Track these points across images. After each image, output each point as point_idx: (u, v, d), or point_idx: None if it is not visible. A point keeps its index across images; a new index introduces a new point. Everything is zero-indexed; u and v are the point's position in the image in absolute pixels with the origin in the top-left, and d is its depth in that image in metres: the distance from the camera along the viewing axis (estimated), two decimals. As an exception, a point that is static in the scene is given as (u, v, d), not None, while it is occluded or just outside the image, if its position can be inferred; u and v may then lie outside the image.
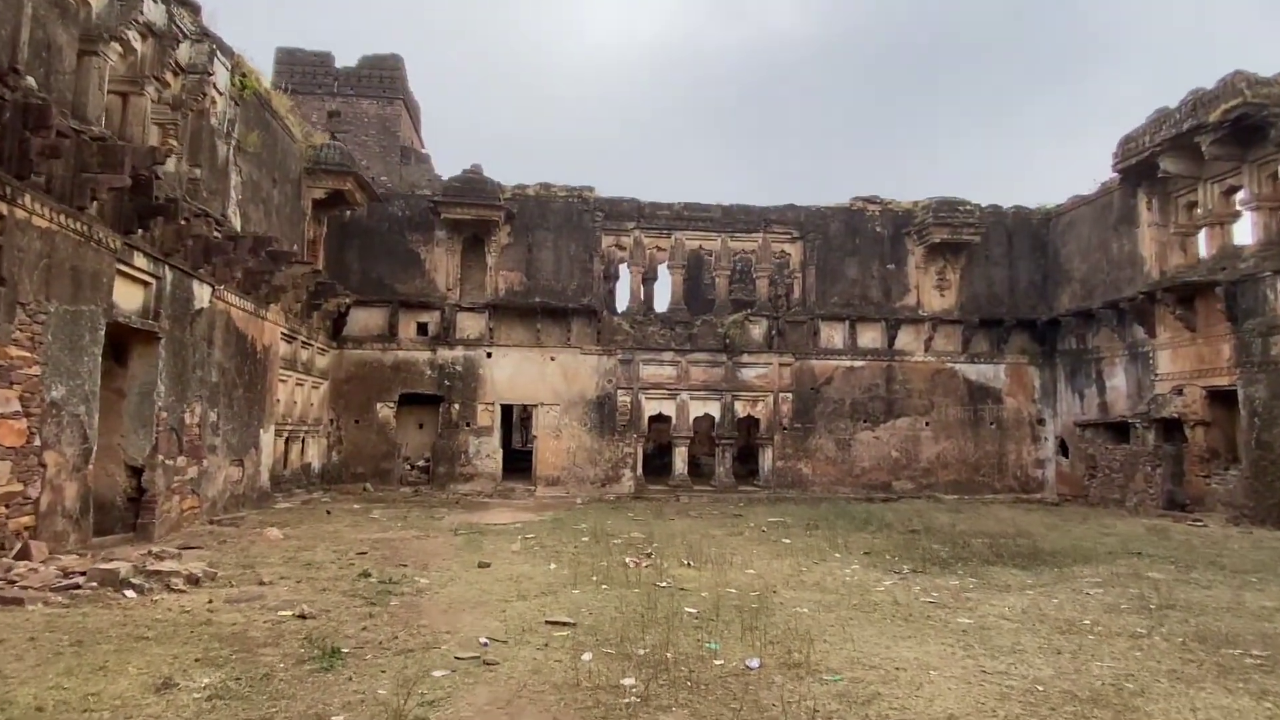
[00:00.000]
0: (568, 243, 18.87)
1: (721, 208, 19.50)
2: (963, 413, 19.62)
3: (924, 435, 19.45)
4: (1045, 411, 19.92)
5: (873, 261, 19.70)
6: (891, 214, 19.87)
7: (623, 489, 18.41)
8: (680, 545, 10.73)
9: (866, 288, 19.63)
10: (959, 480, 19.42)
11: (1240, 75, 13.95)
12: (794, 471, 19.00)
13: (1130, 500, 16.98)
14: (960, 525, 13.56)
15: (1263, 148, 14.11)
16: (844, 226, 19.74)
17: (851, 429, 19.23)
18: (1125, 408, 17.44)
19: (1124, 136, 16.50)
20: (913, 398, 19.49)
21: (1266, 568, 9.41)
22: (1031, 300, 19.97)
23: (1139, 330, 16.91)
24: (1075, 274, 19.07)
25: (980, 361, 19.83)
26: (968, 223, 18.97)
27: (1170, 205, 16.63)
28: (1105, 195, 18.21)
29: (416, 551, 9.94)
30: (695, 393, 18.97)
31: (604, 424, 18.60)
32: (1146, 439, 16.75)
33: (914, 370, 19.57)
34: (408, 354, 18.39)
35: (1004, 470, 19.64)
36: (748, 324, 19.28)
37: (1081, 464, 18.77)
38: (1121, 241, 17.57)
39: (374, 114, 28.22)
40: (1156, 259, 16.62)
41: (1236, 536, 12.44)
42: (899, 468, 19.30)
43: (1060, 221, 19.81)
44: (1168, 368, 16.23)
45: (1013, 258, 20.07)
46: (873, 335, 19.59)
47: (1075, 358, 19.17)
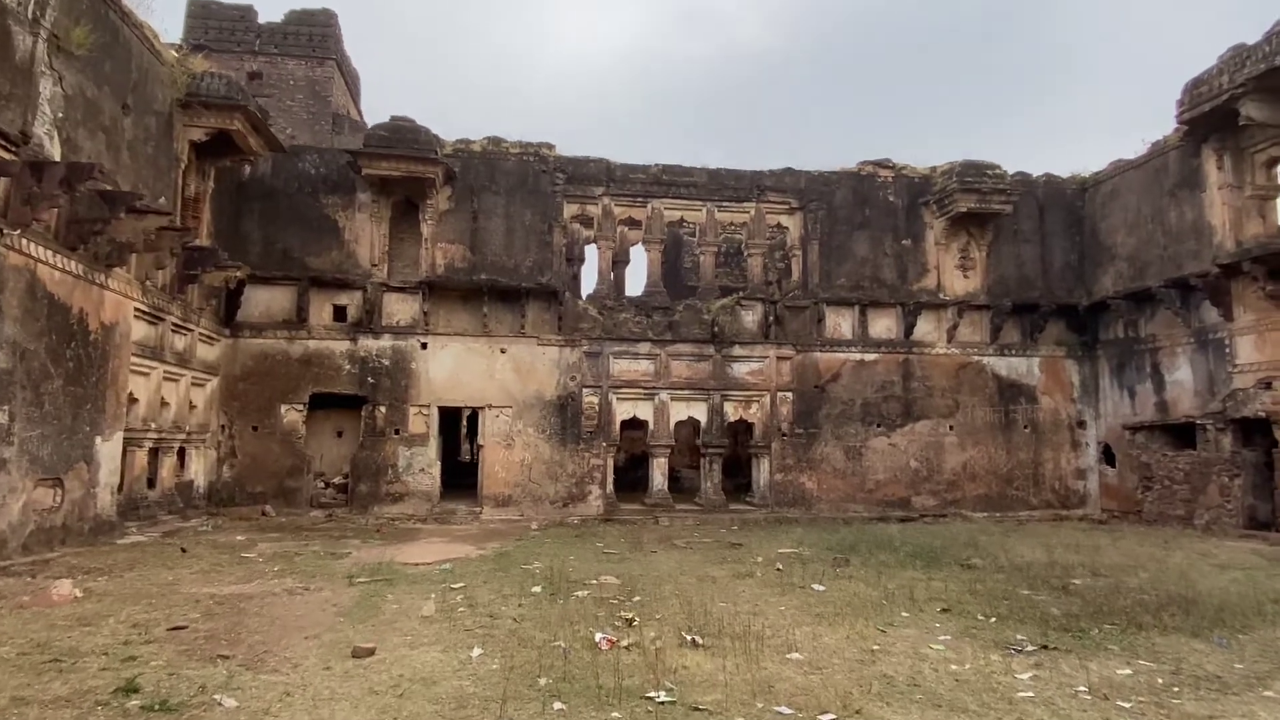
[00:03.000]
0: (522, 210, 15.51)
1: (707, 171, 16.32)
2: (992, 415, 16.62)
3: (948, 441, 16.40)
4: (1086, 413, 17.01)
5: (885, 237, 16.65)
6: (906, 181, 16.87)
7: (589, 509, 15.03)
8: (674, 600, 7.41)
9: (878, 267, 16.57)
10: (989, 495, 16.39)
11: (1359, -12, 11.18)
12: (795, 486, 15.79)
13: (1200, 517, 14.09)
14: (1024, 553, 10.44)
15: (1384, 80, 11.35)
16: (851, 195, 16.69)
17: (863, 435, 16.10)
18: (1192, 406, 14.57)
19: (1191, 80, 13.69)
20: (934, 397, 16.44)
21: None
22: (1068, 283, 17.10)
23: (1211, 313, 14.07)
24: (1120, 251, 16.23)
25: (1011, 354, 16.86)
26: (998, 189, 16.02)
27: (1246, 163, 13.83)
28: (1158, 156, 15.42)
29: (271, 622, 6.47)
30: (677, 392, 15.68)
31: (566, 430, 15.22)
32: (1221, 444, 13.89)
33: (935, 365, 16.53)
34: (322, 344, 14.82)
35: (1040, 482, 16.67)
36: (739, 309, 16.07)
37: (1133, 474, 15.86)
38: (1182, 209, 14.75)
39: (302, 76, 24.61)
40: (1231, 227, 13.80)
41: (1396, 569, 9.50)
42: (919, 480, 16.21)
43: (1100, 191, 16.99)
44: (1251, 356, 13.38)
45: (1045, 234, 17.19)
46: (886, 323, 16.52)
47: (1123, 349, 16.30)
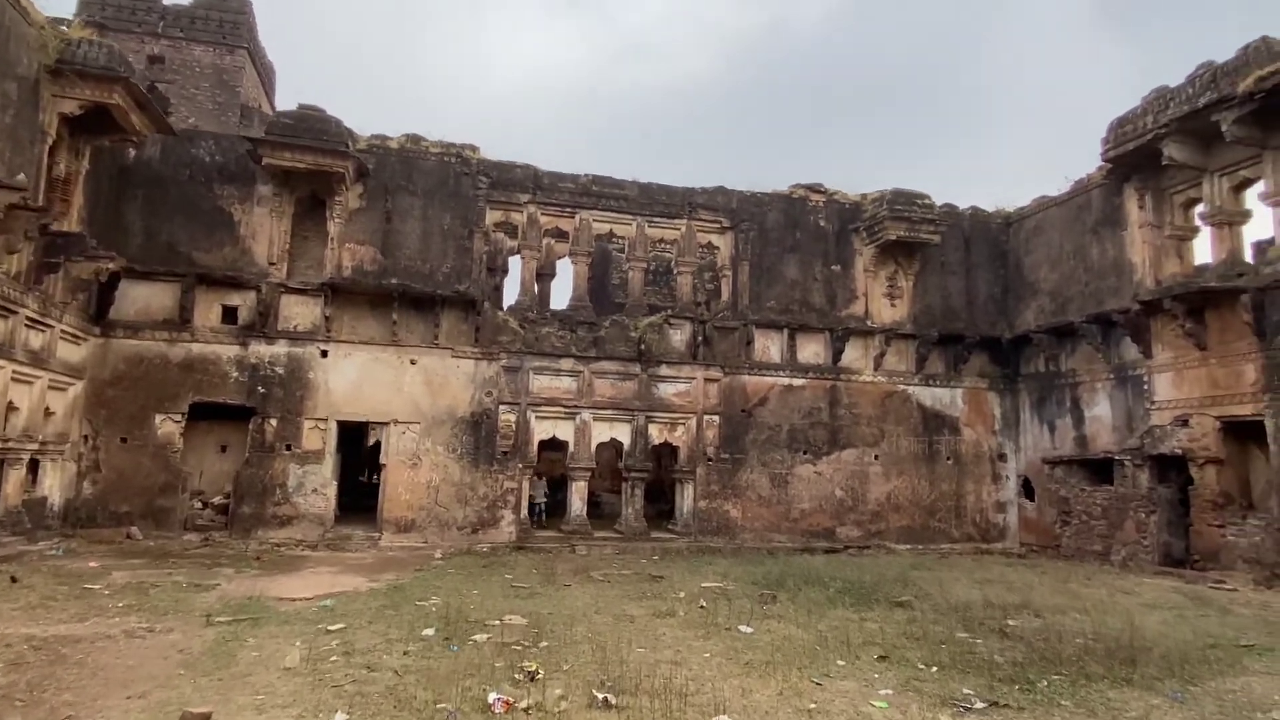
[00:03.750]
0: (441, 213, 14.50)
1: (638, 185, 15.70)
2: (916, 445, 16.44)
3: (873, 471, 16.10)
4: (1007, 445, 17.04)
5: (815, 261, 16.37)
6: (837, 206, 16.68)
7: (501, 536, 13.98)
8: (586, 645, 6.55)
9: (808, 291, 16.25)
10: (912, 526, 16.14)
11: (1270, 39, 11.52)
12: (719, 514, 15.15)
13: (1117, 553, 14.10)
14: (956, 591, 10.02)
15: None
16: (783, 218, 16.36)
17: (789, 462, 15.63)
18: (1110, 441, 14.68)
19: (1116, 119, 13.92)
20: (860, 425, 16.15)
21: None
22: (991, 315, 17.18)
23: (1131, 349, 14.23)
24: (1043, 285, 16.40)
25: (936, 384, 16.77)
26: (927, 219, 15.98)
27: (1166, 203, 14.13)
28: (1081, 194, 15.66)
29: (92, 674, 5.30)
30: (600, 412, 14.86)
31: (480, 450, 14.17)
32: (1138, 480, 13.97)
33: (862, 392, 16.26)
34: (207, 348, 13.38)
35: (962, 515, 16.54)
36: (667, 328, 15.42)
37: (1052, 508, 15.88)
38: (1104, 246, 14.97)
39: (209, 64, 22.93)
40: (1151, 265, 14.02)
41: (1313, 610, 9.46)
42: (844, 510, 15.83)
43: (1024, 226, 17.19)
44: (1169, 394, 13.53)
45: (970, 266, 17.27)
46: (815, 348, 16.18)
47: (1044, 382, 16.41)
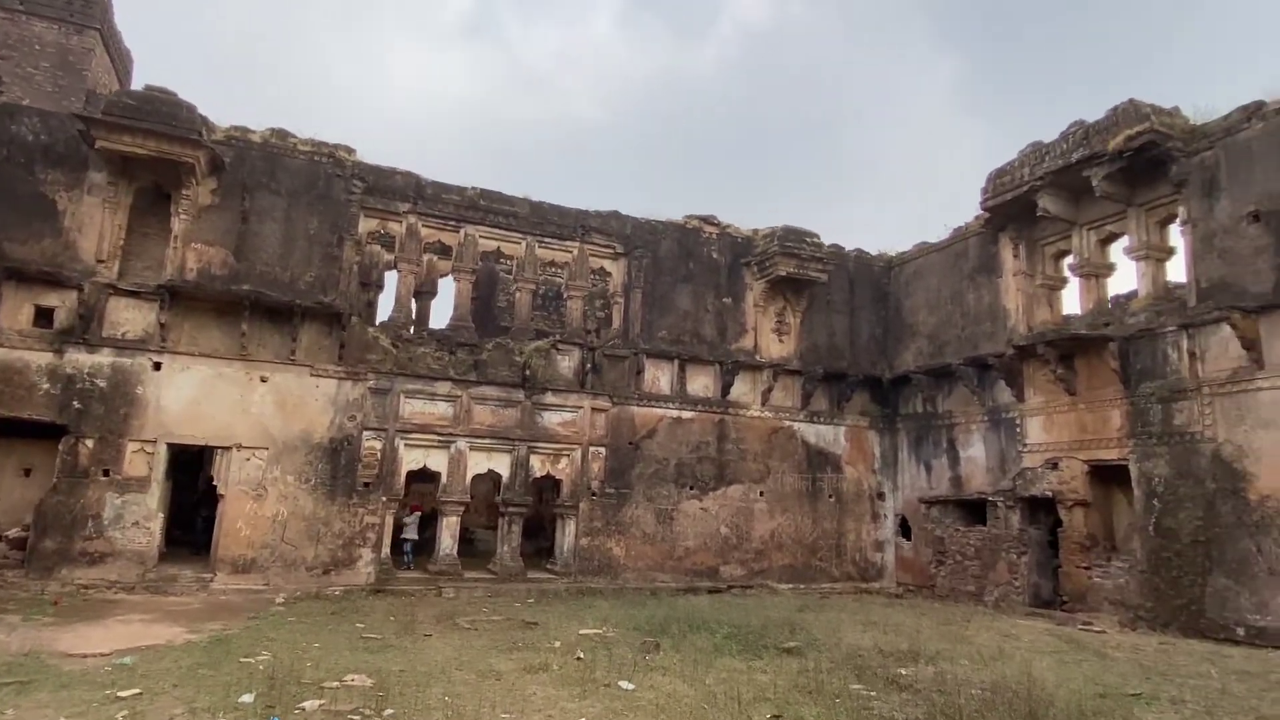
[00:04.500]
0: (307, 217, 13.19)
1: (530, 203, 14.94)
2: (800, 482, 16.29)
3: (758, 508, 15.78)
4: (886, 484, 17.20)
5: (708, 292, 16.09)
6: (730, 239, 16.53)
7: (358, 578, 12.58)
8: (440, 716, 5.56)
9: (700, 323, 15.92)
10: (794, 565, 15.89)
11: (1137, 102, 12.23)
12: (602, 552, 14.33)
13: (990, 594, 14.32)
14: (844, 635, 9.63)
15: (1153, 189, 12.40)
16: (677, 247, 16.02)
17: (676, 497, 15.07)
18: (984, 482, 15.00)
19: (995, 170, 14.47)
20: (747, 460, 15.83)
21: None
22: (873, 355, 17.43)
23: (1005, 393, 14.64)
24: (922, 328, 16.79)
25: (820, 421, 16.75)
26: (815, 257, 16.07)
27: (1039, 254, 14.76)
28: (959, 241, 16.20)
29: None
30: (478, 440, 13.79)
31: (338, 481, 12.77)
32: (1010, 521, 14.29)
33: (749, 427, 15.99)
34: (12, 354, 11.40)
35: (842, 554, 16.47)
36: (555, 354, 14.62)
37: (928, 548, 16.06)
38: (980, 293, 15.46)
39: (51, 41, 20.50)
40: (1024, 312, 14.55)
41: (1178, 649, 9.65)
42: (729, 548, 15.38)
43: (905, 270, 17.64)
44: (1040, 437, 13.95)
45: (854, 306, 17.50)
46: (705, 381, 15.80)
47: (922, 422, 16.71)
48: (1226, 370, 11.01)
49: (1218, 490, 10.90)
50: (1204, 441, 11.18)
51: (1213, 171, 11.51)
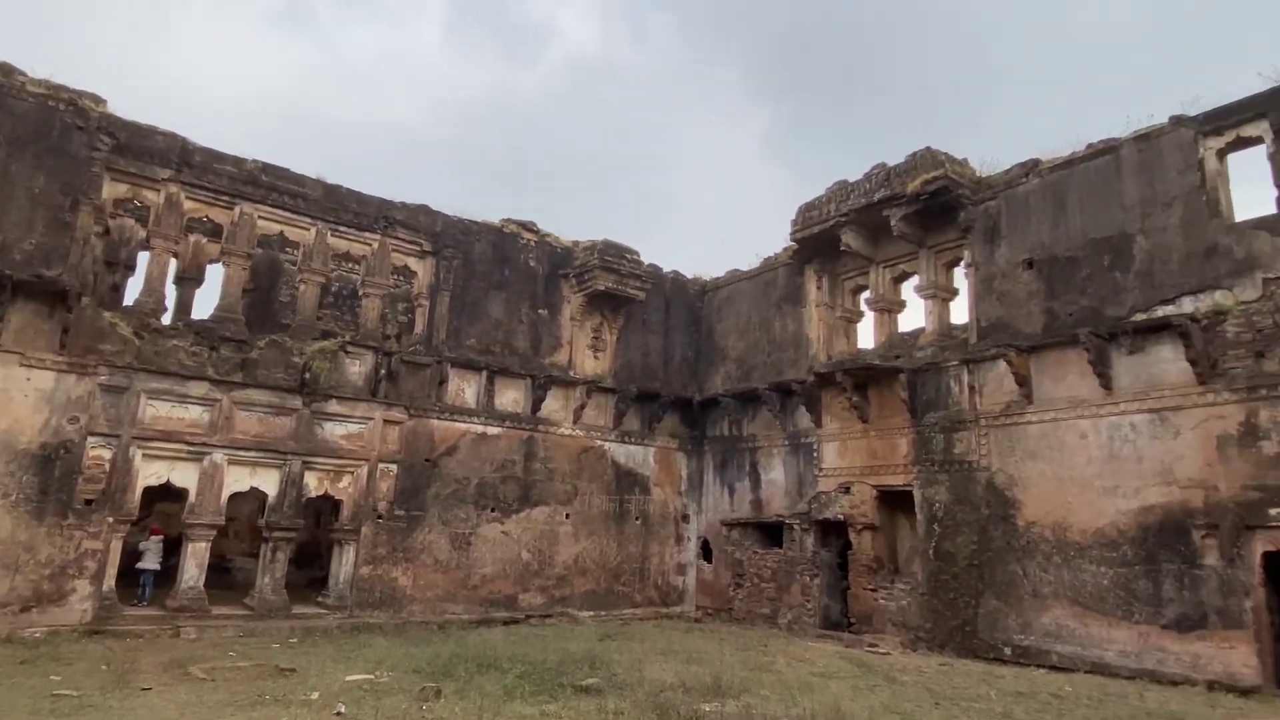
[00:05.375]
0: (32, 173, 10.71)
1: (324, 184, 13.29)
2: (608, 503, 15.75)
3: (563, 531, 15.01)
4: (691, 507, 17.12)
5: (523, 302, 15.21)
6: (549, 248, 15.80)
7: (70, 616, 10.20)
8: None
9: (512, 333, 14.98)
10: (596, 591, 15.26)
11: (934, 150, 13.10)
12: (385, 582, 12.82)
13: (784, 616, 14.54)
14: (645, 669, 9.05)
15: (943, 233, 13.33)
16: (492, 251, 15.02)
17: (475, 520, 13.91)
18: (783, 506, 15.29)
19: (804, 204, 14.99)
20: (555, 481, 15.04)
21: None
22: (684, 377, 17.40)
23: (805, 418, 15.05)
24: (731, 353, 17.01)
25: (631, 442, 16.37)
26: (635, 274, 15.79)
27: (839, 287, 15.42)
28: (769, 271, 16.62)
29: None
30: (241, 453, 11.84)
31: (49, 497, 10.33)
32: (805, 544, 14.63)
33: (559, 446, 15.22)
34: None
35: (645, 578, 16.09)
36: (344, 357, 13.00)
37: (727, 571, 16.11)
38: (786, 321, 15.90)
39: None
40: (824, 342, 15.11)
41: (956, 670, 10.06)
42: (529, 575, 14.43)
43: (717, 296, 17.85)
44: (835, 461, 14.43)
45: (669, 327, 17.42)
46: (515, 395, 14.85)
47: (728, 445, 16.84)
48: (1001, 404, 11.90)
49: (990, 516, 11.69)
50: (980, 470, 11.98)
51: (995, 220, 12.51)
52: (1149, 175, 10.77)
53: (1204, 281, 9.99)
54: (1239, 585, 9.08)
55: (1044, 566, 10.96)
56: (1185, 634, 9.42)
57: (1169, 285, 10.32)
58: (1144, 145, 10.91)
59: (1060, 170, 11.92)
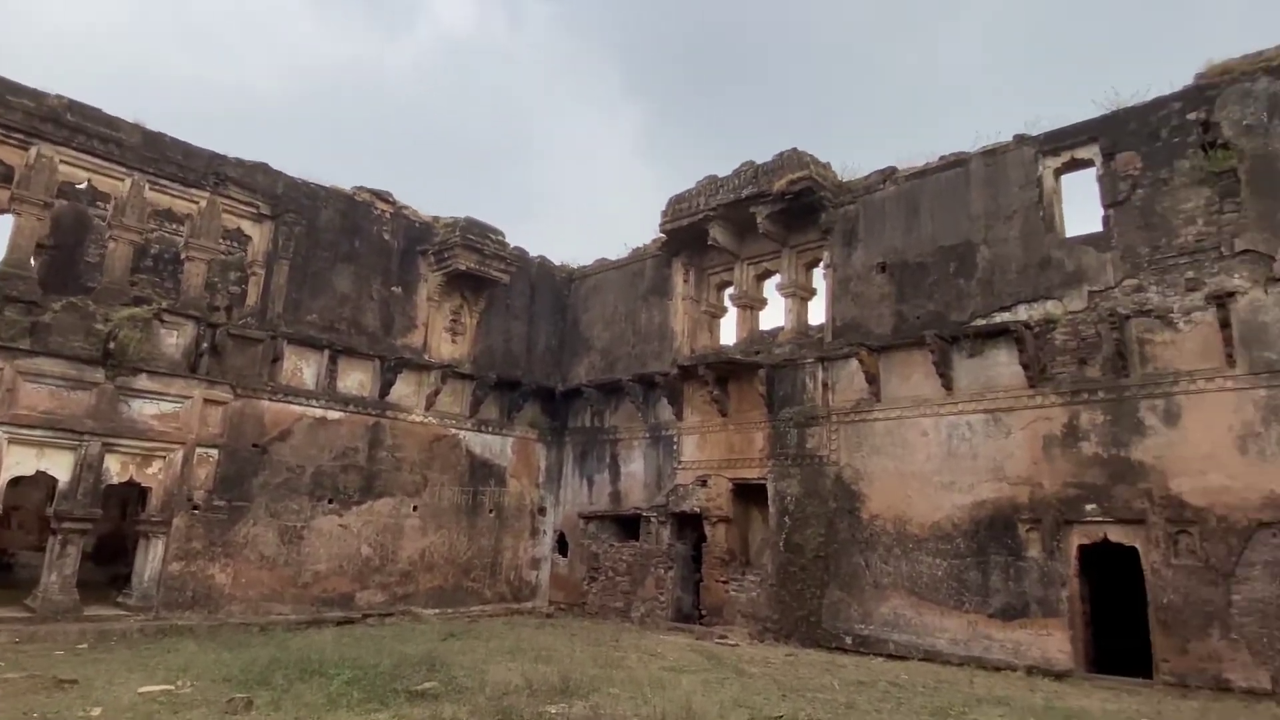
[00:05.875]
0: None
1: (143, 130, 11.69)
2: (461, 496, 14.98)
3: (409, 524, 14.11)
4: (548, 499, 16.65)
5: (374, 278, 14.15)
6: (406, 222, 14.80)
7: None
8: None
9: (361, 310, 13.89)
10: (444, 587, 14.48)
11: (800, 151, 13.33)
12: (200, 580, 11.49)
13: (637, 610, 14.40)
14: (489, 670, 8.49)
15: (805, 234, 13.61)
16: (341, 219, 13.86)
17: (309, 512, 12.76)
18: (641, 498, 15.14)
19: (674, 196, 14.88)
20: (403, 471, 14.11)
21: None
22: (547, 366, 16.90)
23: (667, 411, 14.96)
24: (596, 343, 16.70)
25: (488, 431, 15.67)
26: (499, 255, 15.10)
27: (705, 282, 15.46)
28: (637, 262, 16.43)
29: None
30: (26, 431, 10.17)
31: None
32: (661, 536, 14.55)
33: (409, 433, 14.30)
34: None
35: (497, 573, 15.47)
36: (159, 326, 11.51)
37: (583, 565, 15.78)
38: (652, 313, 15.76)
39: None
40: (689, 335, 15.10)
41: (801, 661, 10.21)
42: (370, 571, 13.45)
43: (584, 284, 17.47)
44: (694, 455, 14.43)
45: (533, 314, 16.85)
46: (361, 378, 13.78)
47: (589, 437, 16.50)
48: (852, 401, 12.26)
49: (838, 509, 12.02)
50: (830, 464, 12.29)
51: (853, 224, 12.88)
52: (994, 189, 11.40)
53: (1038, 291, 10.67)
54: (1057, 576, 9.75)
55: (885, 558, 11.39)
56: (1009, 622, 10.02)
57: (1007, 293, 10.96)
58: (990, 160, 11.55)
59: (915, 179, 12.44)
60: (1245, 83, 9.13)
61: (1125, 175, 10.10)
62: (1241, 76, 9.14)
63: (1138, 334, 9.76)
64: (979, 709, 7.34)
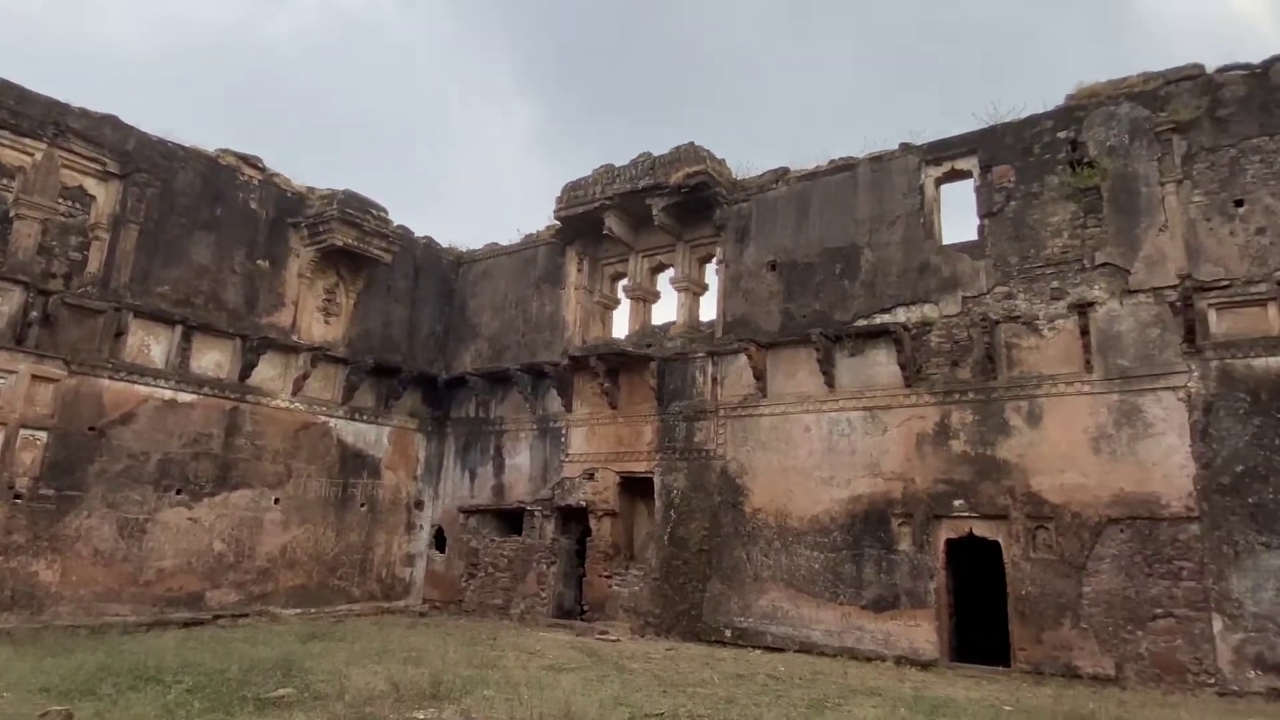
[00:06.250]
0: None
1: (-37, 66, 10.25)
2: (330, 488, 14.06)
3: (270, 518, 13.09)
4: (426, 492, 15.91)
5: (238, 249, 13.03)
6: (277, 191, 13.72)
7: None
8: None
9: (222, 284, 12.75)
10: (307, 586, 13.54)
11: (697, 146, 13.31)
12: (22, 578, 10.17)
13: (517, 606, 14.00)
14: (353, 675, 7.89)
15: (699, 229, 13.61)
16: (202, 184, 12.67)
17: (154, 504, 11.58)
18: (526, 492, 14.71)
19: (570, 183, 14.55)
20: (264, 460, 13.06)
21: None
22: (431, 353, 16.15)
23: (555, 402, 14.60)
24: (485, 330, 16.11)
25: (363, 420, 14.78)
26: (381, 232, 14.27)
27: (599, 272, 15.21)
28: (530, 249, 15.98)
29: None
30: None
31: None
32: (545, 531, 14.20)
33: (273, 420, 13.26)
34: None
35: (367, 570, 14.63)
36: (-26, 291, 10.10)
37: (461, 561, 15.18)
38: (544, 302, 15.36)
39: None
40: (580, 326, 14.80)
41: (681, 655, 10.13)
42: (223, 569, 12.37)
43: (474, 269, 16.83)
44: (582, 447, 14.14)
45: (417, 298, 16.06)
46: (218, 358, 12.64)
47: (473, 427, 15.89)
48: (740, 396, 12.34)
49: (722, 503, 12.06)
50: (716, 459, 12.32)
51: (746, 221, 12.97)
52: (879, 194, 11.74)
53: (916, 295, 11.07)
54: (926, 569, 10.13)
55: (766, 551, 11.52)
56: (880, 613, 10.33)
57: (888, 296, 11.31)
58: (877, 166, 11.89)
59: (806, 181, 12.66)
60: (1110, 106, 9.80)
61: (1000, 187, 10.62)
62: (1107, 100, 9.80)
63: (1006, 339, 10.28)
64: (853, 700, 7.46)
